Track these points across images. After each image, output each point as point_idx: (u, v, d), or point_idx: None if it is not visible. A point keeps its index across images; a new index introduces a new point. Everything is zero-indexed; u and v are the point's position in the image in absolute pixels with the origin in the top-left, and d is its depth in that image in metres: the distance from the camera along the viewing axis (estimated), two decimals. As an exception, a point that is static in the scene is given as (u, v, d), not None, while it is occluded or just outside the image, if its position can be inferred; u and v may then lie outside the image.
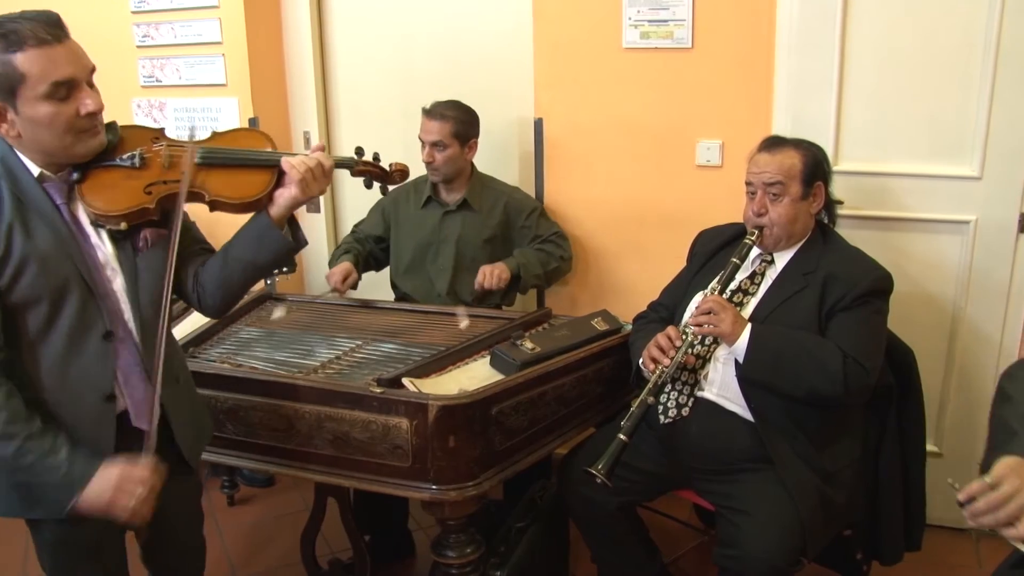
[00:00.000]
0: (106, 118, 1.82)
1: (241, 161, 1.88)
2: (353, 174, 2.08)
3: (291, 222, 1.93)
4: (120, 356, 1.79)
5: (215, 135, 1.96)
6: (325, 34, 3.68)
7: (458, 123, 3.01)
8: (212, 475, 3.46)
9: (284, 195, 1.86)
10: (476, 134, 3.08)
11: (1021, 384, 1.66)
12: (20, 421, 1.65)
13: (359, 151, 2.07)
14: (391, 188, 2.19)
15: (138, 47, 3.67)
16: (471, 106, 3.08)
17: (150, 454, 1.73)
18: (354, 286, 3.10)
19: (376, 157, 2.11)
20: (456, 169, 3.07)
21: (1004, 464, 1.43)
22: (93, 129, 1.74)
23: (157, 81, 3.69)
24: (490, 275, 2.94)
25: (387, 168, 2.12)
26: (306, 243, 2.00)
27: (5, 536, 3.08)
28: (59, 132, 1.68)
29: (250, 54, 3.51)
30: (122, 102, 3.70)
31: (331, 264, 3.20)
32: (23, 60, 1.60)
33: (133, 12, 3.63)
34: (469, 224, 3.10)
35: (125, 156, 1.81)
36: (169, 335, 1.98)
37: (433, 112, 3.01)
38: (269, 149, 1.92)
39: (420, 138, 3.03)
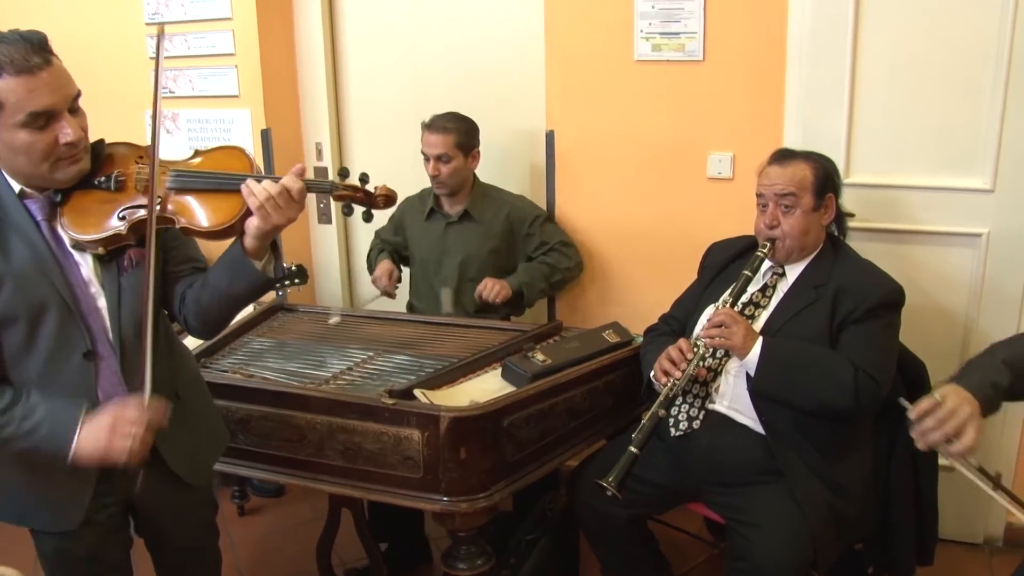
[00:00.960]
0: (117, 130, 1.81)
1: (213, 185, 1.76)
2: (334, 198, 1.87)
3: (275, 252, 1.80)
4: (102, 375, 1.77)
5: (196, 153, 1.85)
6: (337, 46, 3.69)
7: (460, 134, 3.02)
8: (222, 485, 3.46)
9: (251, 224, 1.71)
10: (477, 143, 3.10)
11: (1007, 345, 1.82)
12: (5, 319, 1.65)
13: (343, 172, 1.85)
14: (375, 213, 1.95)
15: (152, 58, 3.69)
16: (473, 118, 3.09)
17: (143, 395, 1.68)
18: (399, 281, 3.17)
19: (363, 179, 1.87)
20: (461, 180, 3.08)
21: (945, 387, 1.66)
22: (72, 157, 1.68)
23: (170, 92, 3.70)
24: (490, 289, 2.97)
25: (371, 192, 1.87)
26: (282, 276, 1.84)
27: (20, 539, 3.09)
28: (36, 160, 1.64)
29: (263, 66, 3.53)
30: (135, 113, 3.72)
31: (370, 266, 3.26)
32: (2, 87, 1.55)
33: (147, 24, 3.65)
34: (472, 235, 3.11)
35: (103, 179, 1.75)
36: (173, 349, 1.98)
37: (434, 125, 3.02)
38: (246, 172, 1.77)
39: (423, 152, 3.04)
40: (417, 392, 2.24)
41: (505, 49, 3.38)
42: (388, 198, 1.88)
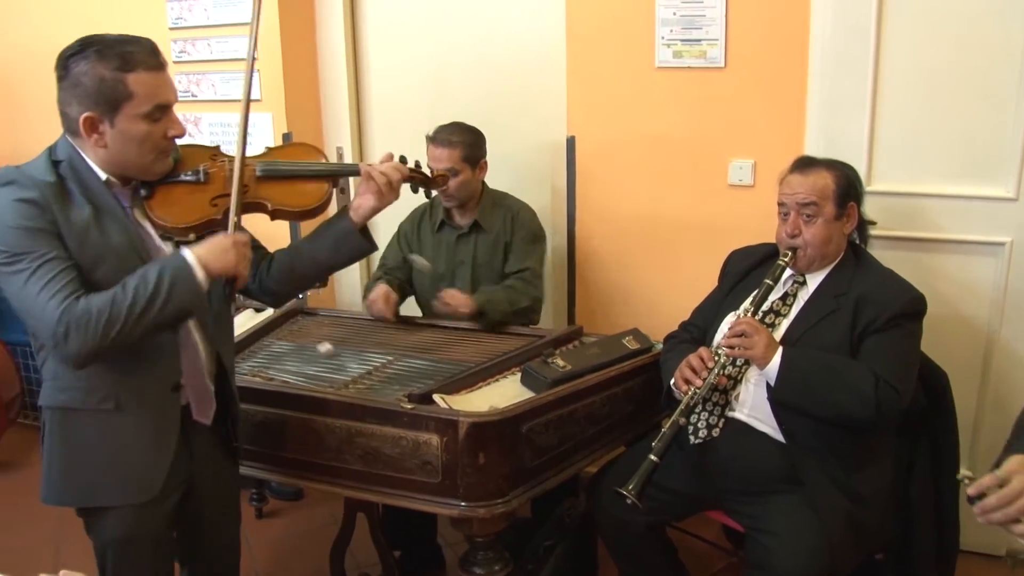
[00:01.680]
0: None
1: (299, 173, 2.04)
2: (403, 180, 2.17)
3: (362, 228, 2.08)
4: (184, 347, 1.92)
5: (269, 150, 2.13)
6: (359, 50, 3.71)
7: (466, 147, 2.93)
8: (241, 487, 3.48)
9: (364, 205, 2.04)
10: (484, 154, 3.02)
11: None
12: (104, 289, 1.72)
13: (402, 159, 2.16)
14: (434, 193, 2.42)
15: (175, 62, 3.72)
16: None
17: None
18: (397, 307, 2.98)
19: (417, 165, 2.23)
20: (470, 192, 3.01)
21: (1014, 460, 1.50)
22: (168, 151, 1.87)
23: (193, 96, 3.74)
24: (455, 297, 2.80)
25: (429, 174, 2.28)
26: (376, 247, 2.16)
27: (38, 536, 3.11)
28: (146, 149, 1.80)
29: (284, 70, 3.56)
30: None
31: (365, 295, 3.08)
32: (134, 80, 1.74)
33: (171, 28, 3.69)
34: (482, 246, 3.04)
35: (189, 172, 1.93)
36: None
37: (439, 139, 2.94)
38: (323, 161, 2.12)
39: (429, 166, 2.88)
40: (436, 397, 2.24)
41: (527, 55, 3.38)
42: (445, 177, 2.42)
